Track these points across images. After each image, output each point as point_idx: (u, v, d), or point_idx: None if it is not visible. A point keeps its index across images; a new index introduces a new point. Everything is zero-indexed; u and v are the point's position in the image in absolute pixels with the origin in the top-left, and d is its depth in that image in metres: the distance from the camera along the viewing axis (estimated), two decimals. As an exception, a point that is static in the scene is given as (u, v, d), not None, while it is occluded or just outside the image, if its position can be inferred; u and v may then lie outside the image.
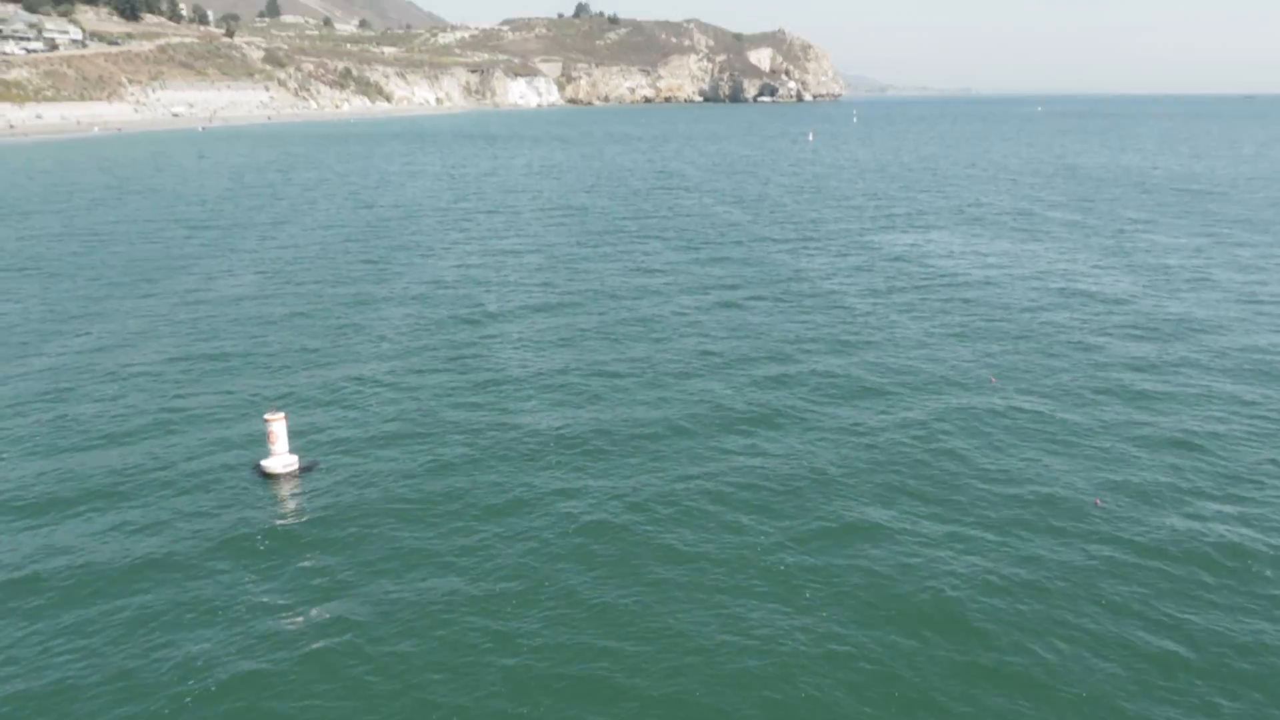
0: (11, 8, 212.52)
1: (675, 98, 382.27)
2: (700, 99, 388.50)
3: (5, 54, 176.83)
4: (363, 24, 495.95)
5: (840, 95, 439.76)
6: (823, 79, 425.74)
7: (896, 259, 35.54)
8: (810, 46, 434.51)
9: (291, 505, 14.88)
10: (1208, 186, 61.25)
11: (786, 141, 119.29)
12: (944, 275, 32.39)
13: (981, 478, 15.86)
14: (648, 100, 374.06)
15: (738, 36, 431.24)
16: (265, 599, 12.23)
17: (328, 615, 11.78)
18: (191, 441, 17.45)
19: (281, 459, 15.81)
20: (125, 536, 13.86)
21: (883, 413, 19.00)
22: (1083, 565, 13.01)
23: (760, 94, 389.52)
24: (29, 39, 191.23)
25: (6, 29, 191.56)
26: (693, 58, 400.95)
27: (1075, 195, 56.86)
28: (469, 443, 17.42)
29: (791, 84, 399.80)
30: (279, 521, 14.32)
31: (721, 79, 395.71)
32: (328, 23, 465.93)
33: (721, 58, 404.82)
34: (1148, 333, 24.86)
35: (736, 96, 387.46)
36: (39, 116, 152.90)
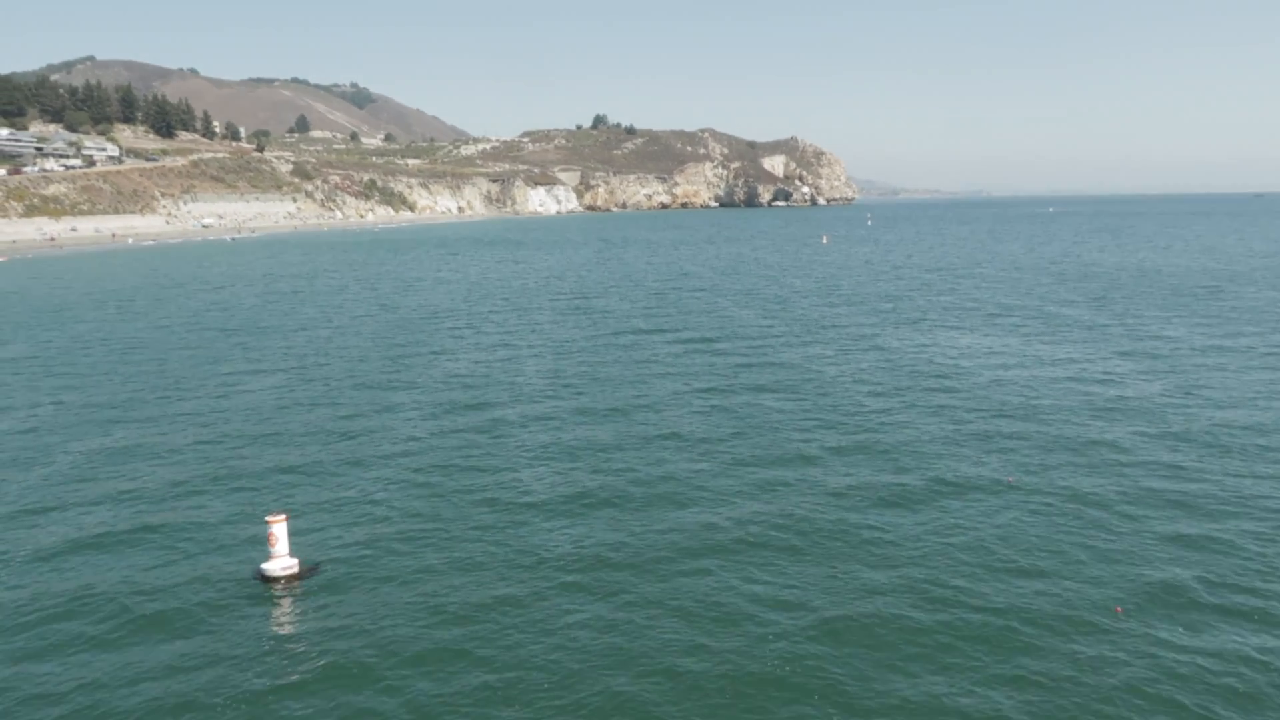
0: (53, 128, 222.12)
1: (692, 203, 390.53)
2: (716, 204, 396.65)
3: (45, 171, 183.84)
4: (388, 138, 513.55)
5: (853, 199, 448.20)
6: (836, 183, 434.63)
7: (909, 357, 35.43)
8: (823, 153, 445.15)
9: (288, 611, 14.59)
10: (1221, 282, 61.28)
11: (799, 244, 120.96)
12: (958, 374, 32.20)
13: (997, 580, 15.38)
14: (664, 206, 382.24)
15: (751, 144, 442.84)
16: (260, 708, 11.87)
17: (318, 726, 11.38)
18: (192, 544, 17.25)
19: (281, 562, 15.59)
20: (119, 637, 13.59)
21: (896, 509, 18.61)
22: (1101, 678, 12.46)
23: (775, 199, 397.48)
24: (68, 156, 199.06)
25: (47, 147, 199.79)
26: (708, 165, 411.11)
27: (1089, 293, 56.95)
28: (477, 540, 17.15)
29: (805, 189, 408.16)
30: (275, 629, 14.03)
31: (736, 185, 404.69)
32: (355, 137, 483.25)
33: (736, 164, 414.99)
34: (1169, 431, 24.43)
35: (751, 201, 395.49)
36: (74, 229, 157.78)
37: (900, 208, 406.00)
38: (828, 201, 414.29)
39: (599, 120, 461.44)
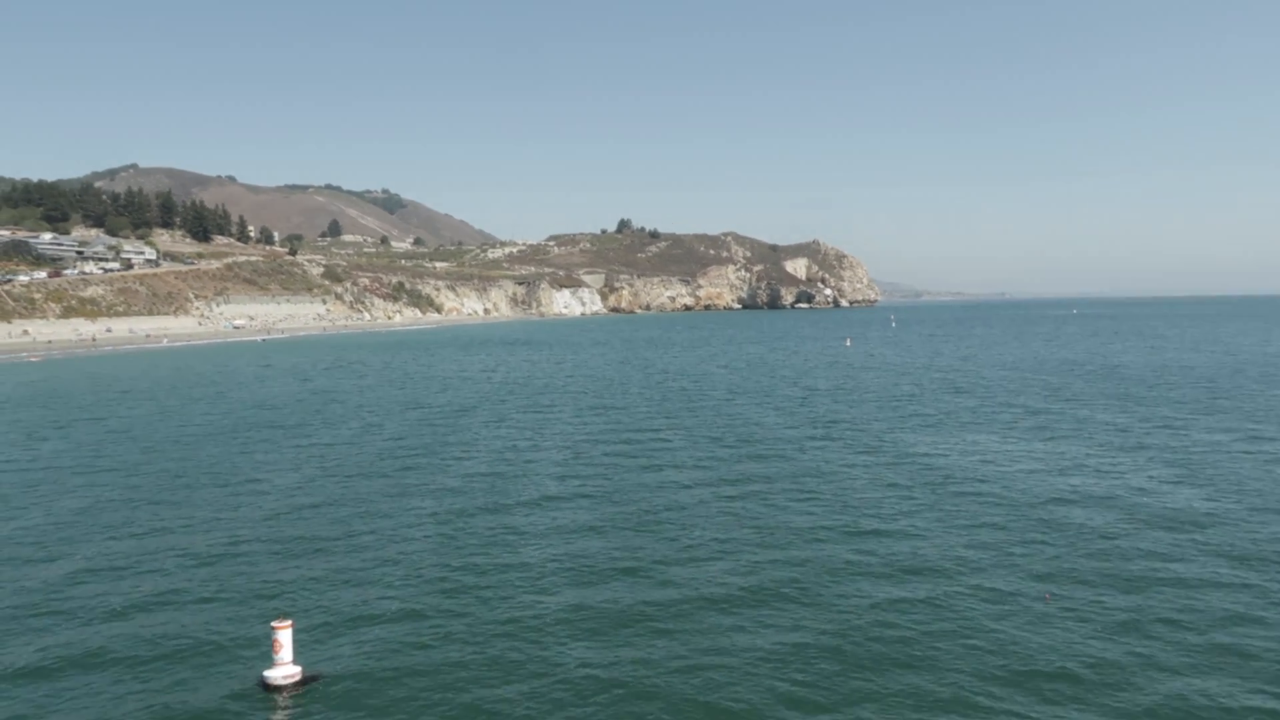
0: (95, 232, 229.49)
1: (715, 305, 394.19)
2: (739, 306, 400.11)
3: (84, 273, 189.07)
4: (417, 241, 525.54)
5: (876, 301, 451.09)
6: (858, 286, 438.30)
7: (933, 460, 34.85)
8: (845, 256, 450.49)
9: (290, 722, 14.10)
10: (1244, 383, 60.40)
11: (821, 345, 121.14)
12: (986, 478, 31.56)
13: (1039, 698, 14.65)
14: (688, 308, 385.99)
15: (774, 247, 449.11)
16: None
17: None
18: (196, 647, 16.86)
19: (284, 670, 15.15)
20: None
21: (926, 629, 17.94)
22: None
23: (797, 300, 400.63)
24: (107, 259, 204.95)
25: (88, 251, 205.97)
26: (731, 268, 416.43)
27: (1115, 394, 56.26)
28: (485, 649, 16.65)
29: (828, 291, 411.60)
30: (275, 740, 13.53)
31: (759, 287, 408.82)
32: (385, 241, 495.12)
33: (759, 267, 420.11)
34: (1213, 544, 23.65)
35: (774, 303, 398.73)
36: (109, 330, 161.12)
37: (923, 310, 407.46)
38: (850, 303, 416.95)
39: (623, 224, 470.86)
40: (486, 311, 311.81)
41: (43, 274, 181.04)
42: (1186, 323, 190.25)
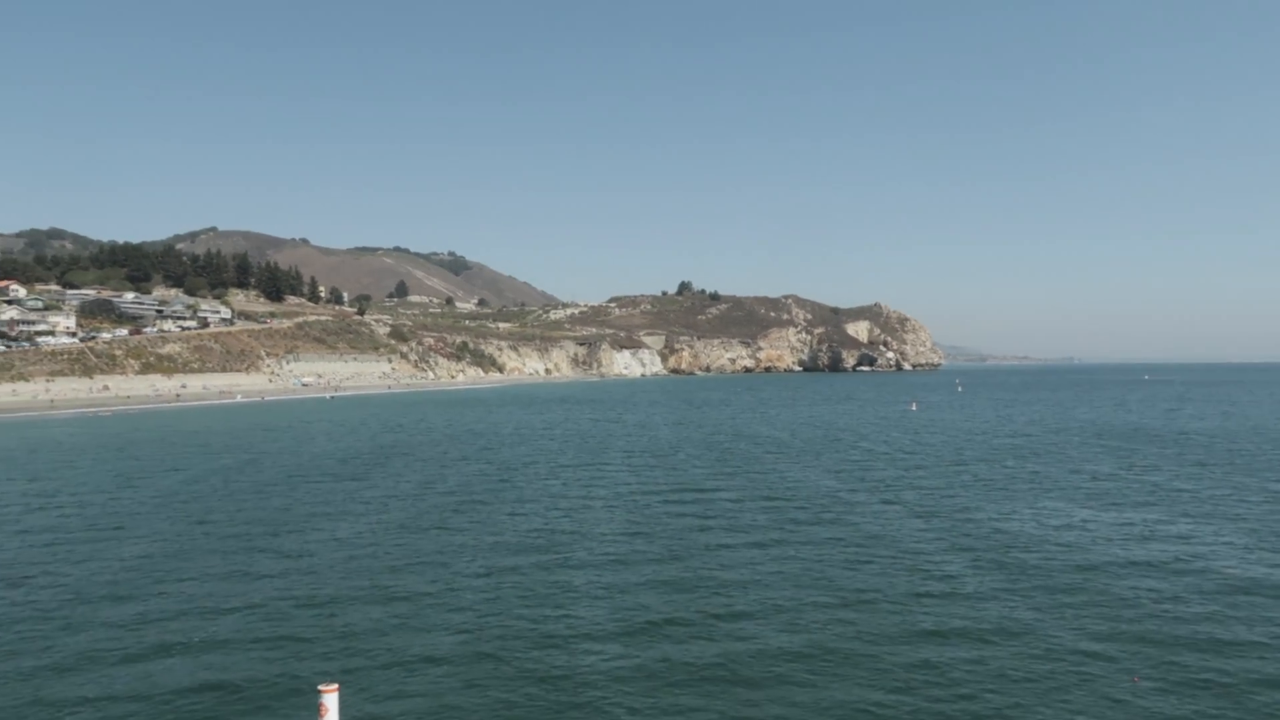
0: (174, 292, 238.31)
1: (775, 367, 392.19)
2: (800, 369, 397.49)
3: (163, 331, 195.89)
4: (481, 302, 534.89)
5: (939, 365, 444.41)
6: (921, 349, 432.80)
7: (1002, 526, 33.49)
8: (907, 319, 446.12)
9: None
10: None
11: (885, 408, 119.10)
12: (1055, 545, 30.18)
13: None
14: (748, 370, 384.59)
15: (835, 310, 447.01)
16: None
17: None
18: (242, 707, 16.70)
19: (331, 735, 14.84)
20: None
21: (999, 698, 16.96)
22: None
23: (859, 363, 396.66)
24: (185, 318, 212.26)
25: (167, 310, 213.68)
26: (791, 330, 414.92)
27: (1188, 460, 53.93)
28: (532, 715, 16.21)
29: (890, 354, 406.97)
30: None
31: (820, 349, 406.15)
32: (450, 302, 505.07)
33: (820, 330, 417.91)
34: (1298, 621, 22.14)
35: (836, 366, 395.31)
36: (184, 386, 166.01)
37: (988, 374, 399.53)
38: (913, 367, 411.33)
39: (684, 286, 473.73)
40: (548, 371, 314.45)
41: (124, 331, 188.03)
42: (1261, 389, 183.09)
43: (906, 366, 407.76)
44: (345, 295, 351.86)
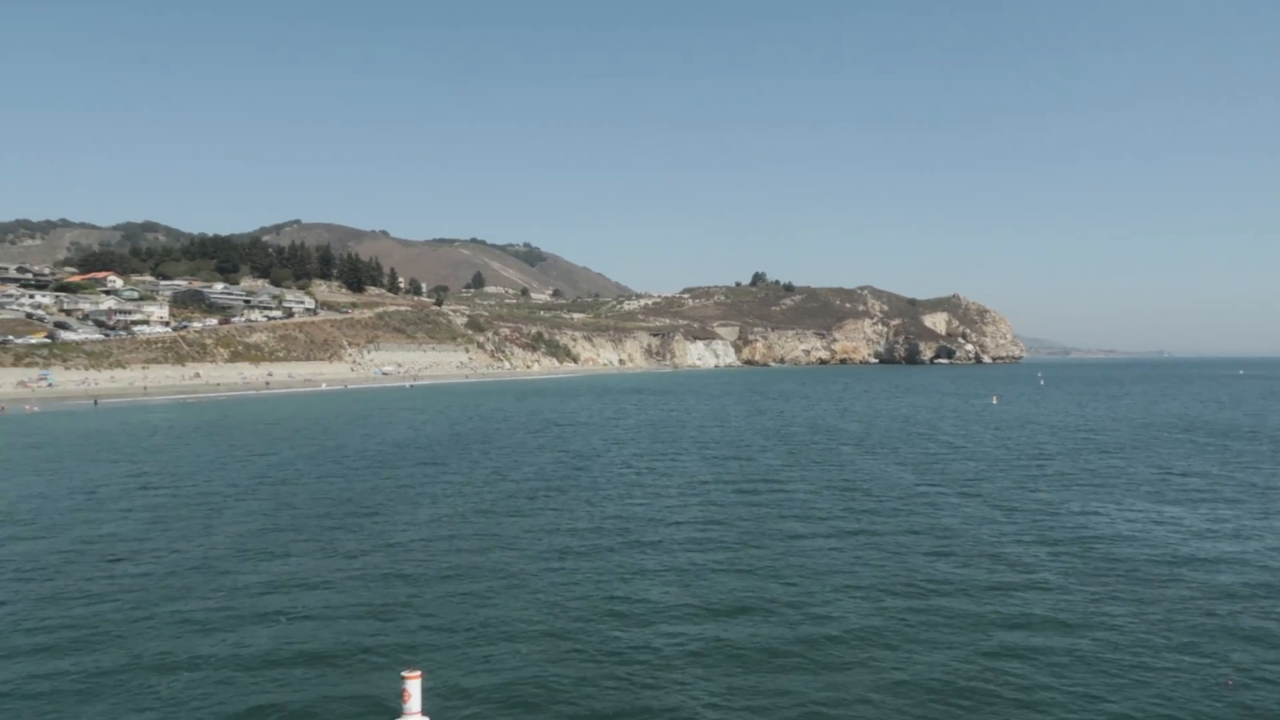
0: (260, 283, 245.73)
1: (851, 359, 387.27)
2: (875, 361, 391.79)
3: (250, 321, 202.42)
4: (556, 293, 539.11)
5: (1020, 358, 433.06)
6: (1001, 341, 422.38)
7: (1086, 521, 32.53)
8: (987, 311, 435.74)
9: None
10: None
11: (963, 401, 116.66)
12: (1142, 542, 29.23)
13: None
14: (823, 362, 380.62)
15: (912, 301, 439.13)
16: None
17: None
18: (326, 690, 17.29)
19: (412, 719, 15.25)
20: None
21: (1076, 691, 16.59)
22: None
23: (937, 356, 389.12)
24: (271, 308, 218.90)
25: (254, 300, 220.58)
26: (867, 321, 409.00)
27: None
28: (611, 700, 16.41)
29: (969, 346, 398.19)
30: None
31: (897, 341, 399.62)
32: (525, 293, 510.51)
33: (896, 321, 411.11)
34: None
35: (913, 358, 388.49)
36: (270, 374, 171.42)
37: (1072, 367, 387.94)
38: (993, 360, 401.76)
39: (758, 277, 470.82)
40: (621, 362, 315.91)
41: (214, 321, 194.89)
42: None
43: (986, 359, 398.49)
44: (424, 286, 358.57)
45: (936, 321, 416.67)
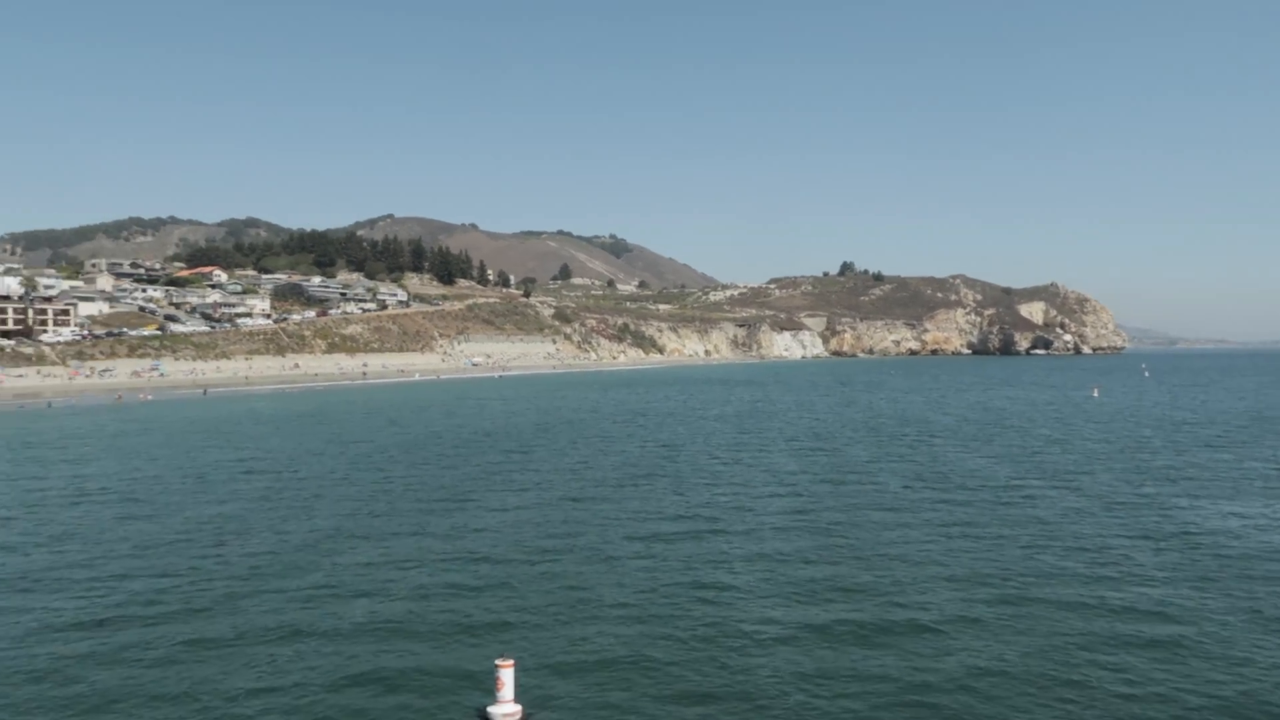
0: (356, 276, 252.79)
1: (942, 350, 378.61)
2: (968, 351, 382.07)
3: (346, 313, 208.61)
4: (642, 284, 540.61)
5: (1122, 348, 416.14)
6: (1102, 332, 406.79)
7: (1203, 527, 31.11)
8: (1087, 300, 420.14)
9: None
10: None
11: (1061, 394, 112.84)
12: (1265, 547, 27.86)
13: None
14: (913, 352, 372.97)
15: (1007, 290, 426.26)
16: None
17: None
18: (420, 674, 17.75)
19: (506, 708, 15.54)
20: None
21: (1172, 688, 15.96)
22: None
23: (1033, 346, 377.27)
24: (365, 300, 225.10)
25: (349, 293, 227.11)
26: (959, 311, 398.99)
27: None
28: (701, 688, 16.51)
29: (1067, 337, 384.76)
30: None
31: (991, 331, 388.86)
32: (611, 284, 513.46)
33: (990, 311, 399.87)
34: None
35: (1007, 349, 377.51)
36: (365, 365, 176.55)
37: (1179, 358, 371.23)
38: (1093, 350, 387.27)
39: (846, 267, 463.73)
40: (707, 353, 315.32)
41: (312, 313, 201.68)
42: None
43: (1086, 350, 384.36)
44: (511, 278, 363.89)
45: (1033, 311, 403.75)
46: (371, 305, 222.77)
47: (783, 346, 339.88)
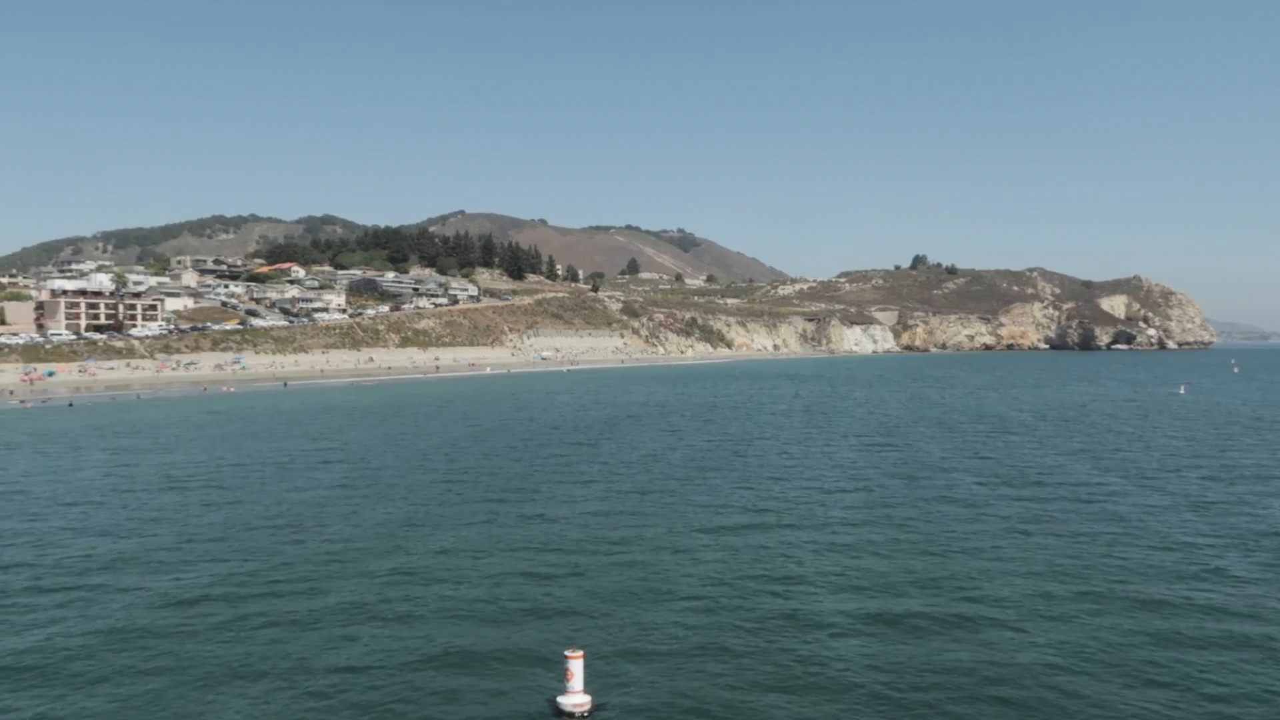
0: (428, 271, 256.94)
1: (1019, 345, 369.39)
2: (1045, 346, 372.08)
3: (419, 308, 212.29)
4: (710, 279, 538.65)
5: (1211, 343, 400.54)
6: (1188, 326, 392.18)
7: (1291, 525, 29.88)
8: (1172, 293, 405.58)
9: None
10: None
11: (1144, 390, 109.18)
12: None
13: None
14: (988, 347, 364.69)
15: (1087, 284, 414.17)
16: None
17: None
18: (491, 666, 17.99)
19: (575, 698, 15.65)
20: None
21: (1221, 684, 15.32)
22: None
23: (1114, 341, 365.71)
24: (437, 295, 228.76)
25: (422, 288, 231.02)
26: (1037, 305, 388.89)
27: None
28: (772, 680, 16.45)
29: (1151, 331, 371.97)
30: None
31: (1069, 326, 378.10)
32: (679, 278, 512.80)
33: (1069, 305, 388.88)
34: None
35: (1087, 344, 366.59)
36: (437, 358, 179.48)
37: (1271, 353, 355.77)
38: (1179, 345, 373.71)
39: (918, 260, 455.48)
40: (776, 348, 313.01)
41: (385, 308, 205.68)
42: None
43: (1171, 345, 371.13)
44: (580, 273, 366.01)
45: (1114, 305, 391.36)
46: (443, 300, 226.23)
47: (853, 341, 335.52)
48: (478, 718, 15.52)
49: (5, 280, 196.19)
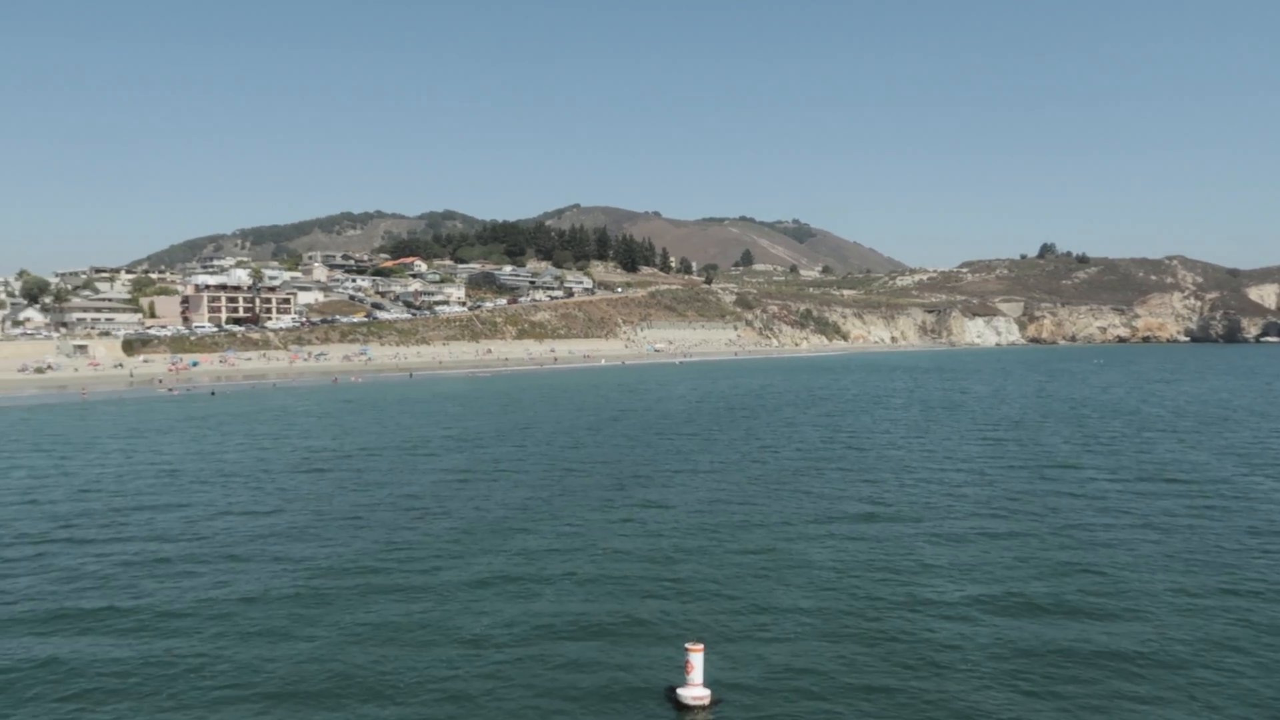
0: (544, 264, 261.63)
1: (1156, 337, 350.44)
2: (1186, 338, 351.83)
3: (535, 300, 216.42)
4: (825, 270, 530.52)
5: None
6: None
7: None
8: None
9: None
10: None
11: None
12: None
13: None
14: (1121, 340, 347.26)
15: (1233, 272, 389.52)
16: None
17: None
18: (612, 653, 18.12)
19: (694, 691, 15.62)
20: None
21: None
22: None
23: (1264, 333, 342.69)
24: (553, 288, 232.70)
25: (538, 281, 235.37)
26: (1176, 295, 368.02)
27: None
28: (890, 677, 16.11)
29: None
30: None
31: (1212, 317, 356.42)
32: (794, 269, 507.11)
33: (1212, 295, 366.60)
34: None
35: (1232, 336, 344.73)
36: (553, 350, 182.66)
37: None
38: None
39: (1046, 249, 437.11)
40: (893, 340, 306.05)
41: (503, 301, 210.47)
42: None
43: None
44: (693, 265, 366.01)
45: (1264, 294, 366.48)
46: (559, 293, 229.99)
47: (975, 333, 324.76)
48: (598, 698, 15.70)
49: (155, 276, 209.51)
